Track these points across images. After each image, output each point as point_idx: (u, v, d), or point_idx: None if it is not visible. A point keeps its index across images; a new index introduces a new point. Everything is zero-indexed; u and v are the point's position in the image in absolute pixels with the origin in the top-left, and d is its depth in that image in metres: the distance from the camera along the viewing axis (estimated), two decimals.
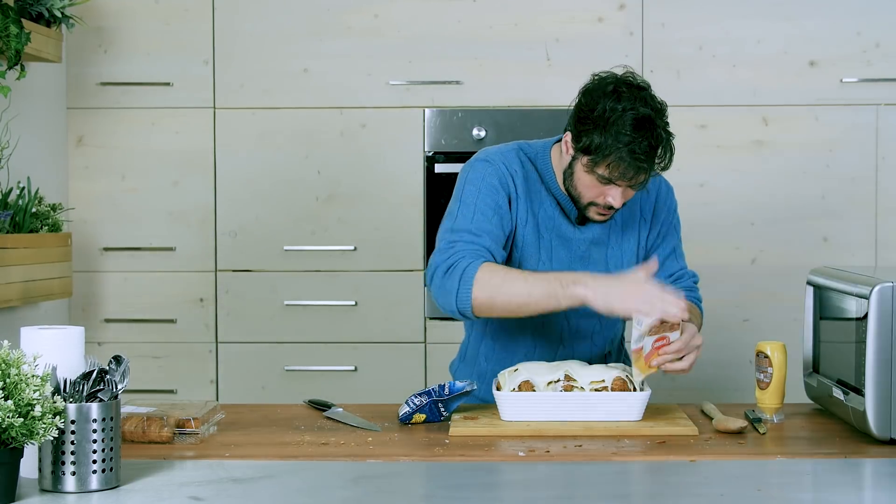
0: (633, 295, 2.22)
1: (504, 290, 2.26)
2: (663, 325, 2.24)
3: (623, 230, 2.50)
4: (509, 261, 2.44)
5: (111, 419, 1.80)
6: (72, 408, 1.78)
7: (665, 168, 2.32)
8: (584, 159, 2.31)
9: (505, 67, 3.72)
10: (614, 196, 2.32)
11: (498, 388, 2.32)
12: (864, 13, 3.68)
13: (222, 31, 3.74)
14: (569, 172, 2.38)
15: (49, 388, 1.75)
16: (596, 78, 2.37)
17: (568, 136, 2.35)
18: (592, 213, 2.40)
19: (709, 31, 3.70)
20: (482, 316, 2.32)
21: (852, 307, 2.22)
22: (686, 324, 2.27)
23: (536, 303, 2.26)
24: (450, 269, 2.30)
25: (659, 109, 2.30)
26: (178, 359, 3.76)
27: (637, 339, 2.25)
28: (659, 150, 2.27)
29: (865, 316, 2.11)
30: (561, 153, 2.42)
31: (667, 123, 2.31)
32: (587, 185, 2.34)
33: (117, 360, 1.86)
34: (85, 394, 1.81)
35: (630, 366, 2.52)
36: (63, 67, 3.72)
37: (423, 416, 2.32)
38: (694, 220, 3.69)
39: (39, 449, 1.79)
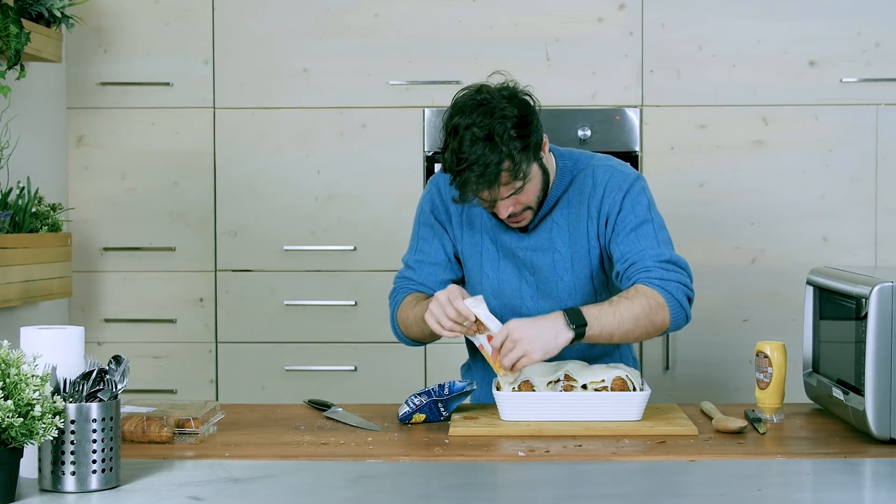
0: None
1: (406, 322, 2.50)
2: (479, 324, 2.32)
3: (571, 233, 2.44)
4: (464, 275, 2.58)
5: (111, 419, 1.80)
6: (71, 408, 1.78)
7: (523, 175, 2.27)
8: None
9: (505, 67, 3.67)
10: (497, 209, 2.35)
11: (498, 388, 2.32)
12: (864, 13, 3.68)
13: (222, 31, 3.74)
14: None
15: (49, 388, 1.75)
16: (459, 92, 2.36)
17: None
18: (508, 223, 2.41)
19: (709, 31, 3.70)
20: (418, 342, 2.55)
21: (852, 307, 2.22)
22: (506, 325, 2.26)
23: (422, 329, 2.42)
24: (391, 299, 2.59)
25: (501, 120, 2.25)
26: (178, 359, 3.76)
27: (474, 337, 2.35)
28: (504, 164, 2.24)
29: (865, 316, 2.11)
30: None
31: (514, 134, 2.25)
32: (481, 203, 2.37)
33: (117, 360, 1.86)
34: (85, 394, 1.81)
35: (630, 366, 2.53)
36: (63, 67, 3.72)
37: (422, 416, 2.32)
38: (694, 220, 3.69)
39: (39, 449, 1.79)
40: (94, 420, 1.78)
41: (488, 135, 2.24)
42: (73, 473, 1.77)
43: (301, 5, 3.73)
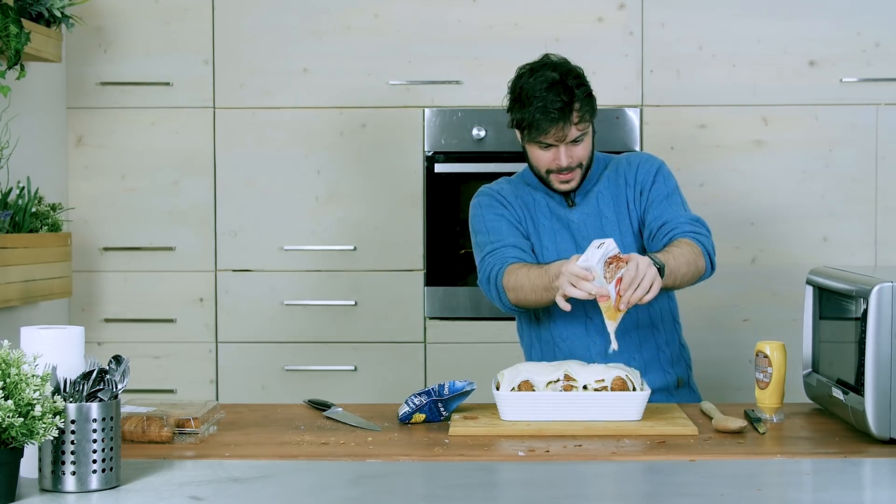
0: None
1: (520, 288, 2.54)
2: (610, 267, 2.33)
3: (615, 200, 2.68)
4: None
5: (111, 419, 1.80)
6: (72, 408, 1.78)
7: (589, 119, 2.57)
8: (522, 134, 2.61)
9: (505, 67, 3.68)
10: (558, 156, 2.58)
11: (497, 388, 2.32)
12: (864, 13, 3.68)
13: (222, 31, 3.74)
14: (527, 158, 2.66)
15: (49, 388, 1.75)
16: (518, 69, 2.66)
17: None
18: (556, 184, 2.64)
19: (709, 31, 3.70)
20: (525, 308, 2.62)
21: (852, 307, 2.22)
22: (631, 255, 2.35)
23: (541, 297, 2.51)
24: (488, 280, 2.62)
25: (568, 72, 2.58)
26: (178, 359, 3.76)
27: (599, 291, 2.32)
28: (575, 105, 2.54)
29: (865, 316, 2.11)
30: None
31: (579, 83, 2.57)
32: (537, 157, 2.61)
33: (117, 359, 1.86)
34: (85, 394, 1.81)
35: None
36: (63, 67, 3.72)
37: (422, 416, 2.32)
38: None
39: (39, 449, 1.79)
40: (94, 420, 1.78)
41: (561, 80, 2.55)
42: (74, 473, 1.78)
43: (301, 5, 3.73)
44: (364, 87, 3.73)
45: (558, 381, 2.29)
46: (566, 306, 2.37)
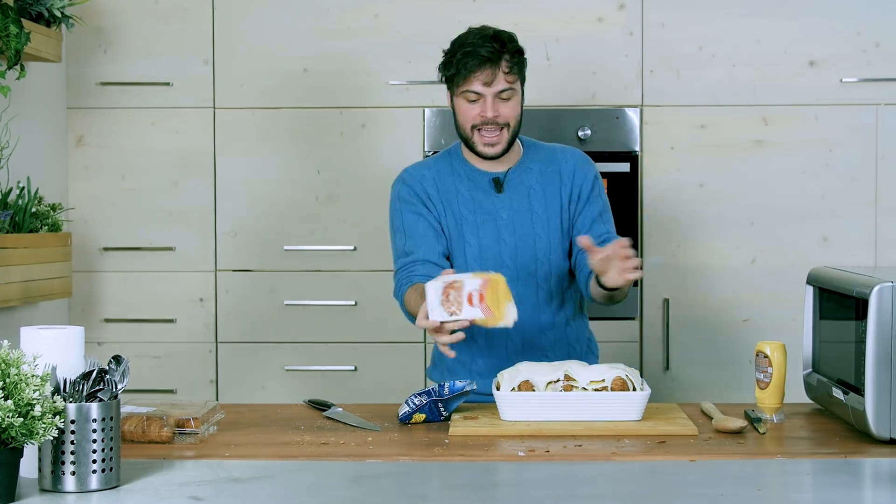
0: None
1: (411, 311, 2.48)
2: (452, 295, 2.24)
3: (546, 195, 2.64)
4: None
5: (111, 419, 1.80)
6: (71, 408, 1.78)
7: (518, 75, 2.57)
8: (450, 88, 2.60)
9: None
10: (485, 108, 2.54)
11: (497, 388, 2.32)
12: (864, 13, 3.68)
13: (222, 31, 3.74)
14: (454, 117, 2.62)
15: (49, 388, 1.75)
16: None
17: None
18: (480, 145, 2.58)
19: (709, 31, 3.70)
20: None
21: (852, 307, 2.22)
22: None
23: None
24: (397, 295, 2.60)
25: (502, 32, 2.59)
26: (178, 359, 3.76)
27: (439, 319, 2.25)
28: (505, 55, 2.54)
29: (865, 316, 2.11)
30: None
31: (512, 40, 2.58)
32: (464, 111, 2.58)
33: (117, 360, 1.86)
34: (85, 394, 1.81)
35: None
36: (63, 67, 3.72)
37: (422, 416, 2.32)
38: (694, 220, 3.69)
39: (39, 449, 1.79)
40: (94, 420, 1.78)
41: (495, 35, 2.57)
42: (73, 473, 1.78)
43: (301, 5, 3.73)
44: (364, 87, 3.73)
45: (558, 381, 2.30)
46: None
